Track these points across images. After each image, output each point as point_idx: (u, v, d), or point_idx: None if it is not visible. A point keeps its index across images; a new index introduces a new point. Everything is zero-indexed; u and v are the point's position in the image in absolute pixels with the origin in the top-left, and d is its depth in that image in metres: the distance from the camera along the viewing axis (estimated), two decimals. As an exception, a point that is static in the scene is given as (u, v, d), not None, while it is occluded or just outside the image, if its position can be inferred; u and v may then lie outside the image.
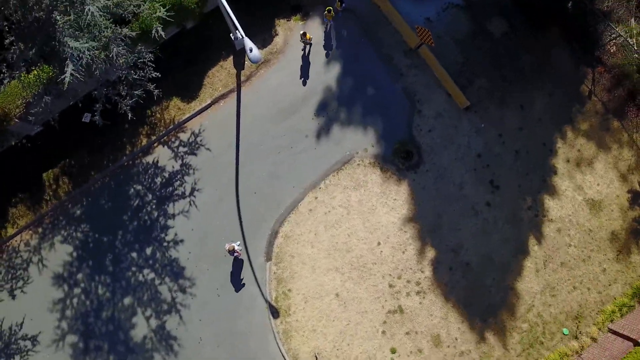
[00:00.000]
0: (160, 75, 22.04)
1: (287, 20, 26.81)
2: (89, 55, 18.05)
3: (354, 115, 25.92)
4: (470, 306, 24.52)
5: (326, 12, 25.50)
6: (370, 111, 25.96)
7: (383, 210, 25.18)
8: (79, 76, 18.39)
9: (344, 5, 25.89)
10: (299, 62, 26.35)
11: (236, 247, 23.47)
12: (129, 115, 21.59)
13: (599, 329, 24.19)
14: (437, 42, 25.92)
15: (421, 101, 26.18)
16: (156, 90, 22.05)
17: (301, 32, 25.45)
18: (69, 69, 17.86)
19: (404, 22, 26.25)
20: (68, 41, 17.79)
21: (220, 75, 26.02)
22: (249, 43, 19.78)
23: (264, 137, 25.54)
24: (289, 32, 26.63)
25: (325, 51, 26.46)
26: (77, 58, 18.00)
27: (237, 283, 24.50)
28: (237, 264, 24.61)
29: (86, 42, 17.92)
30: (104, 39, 18.89)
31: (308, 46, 26.24)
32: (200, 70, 25.95)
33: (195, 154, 25.33)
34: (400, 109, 26.08)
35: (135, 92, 21.49)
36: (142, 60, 21.15)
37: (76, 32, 18.30)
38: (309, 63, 26.36)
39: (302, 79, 26.16)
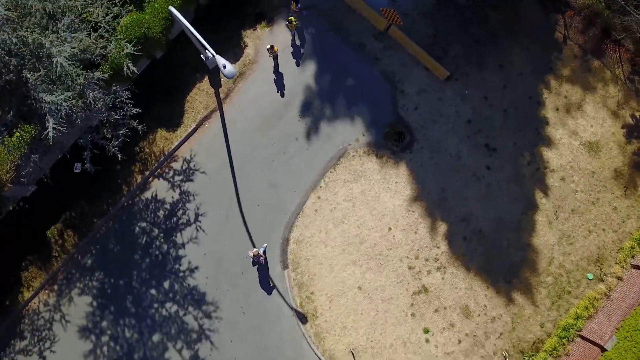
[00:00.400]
0: (140, 110, 22.09)
1: (254, 30, 26.76)
2: (67, 105, 18.03)
3: (338, 109, 25.91)
4: (492, 271, 24.57)
5: (288, 22, 25.49)
6: (353, 101, 25.95)
7: (387, 195, 25.20)
8: (61, 128, 18.38)
9: (299, 5, 25.80)
10: (274, 69, 26.32)
11: (261, 252, 23.61)
12: (119, 156, 21.58)
13: (622, 267, 24.25)
14: (405, 19, 25.88)
15: (401, 81, 26.17)
16: (140, 126, 22.06)
17: (267, 47, 25.34)
18: (50, 123, 17.84)
19: (369, 7, 26.21)
20: (44, 96, 17.77)
21: (200, 97, 25.99)
22: (221, 60, 19.78)
23: (255, 148, 25.52)
24: (258, 40, 26.59)
25: (295, 60, 26.37)
26: (56, 111, 17.98)
27: (267, 287, 24.54)
28: (262, 269, 24.61)
29: (61, 94, 17.90)
30: (78, 87, 18.87)
31: (276, 58, 26.15)
32: (179, 97, 25.93)
33: (191, 180, 25.32)
34: (382, 92, 26.07)
35: (120, 132, 21.48)
36: (119, 99, 21.14)
37: (50, 86, 18.28)
38: (284, 68, 26.31)
39: (281, 84, 26.12)
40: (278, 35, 26.56)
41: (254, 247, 24.72)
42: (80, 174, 24.10)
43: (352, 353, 23.88)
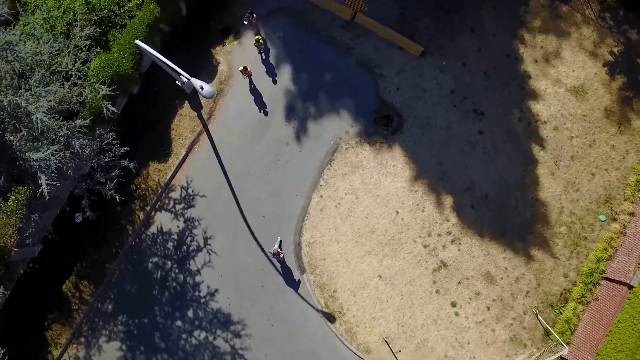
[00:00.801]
0: (128, 148, 22.05)
1: (223, 46, 26.66)
2: (56, 159, 17.97)
3: (322, 106, 25.87)
4: (505, 233, 24.62)
5: (255, 41, 25.36)
6: (335, 95, 25.91)
7: (387, 180, 25.21)
8: (54, 183, 18.35)
9: (255, 16, 25.62)
10: (250, 87, 26.26)
11: (276, 248, 23.80)
12: (117, 197, 21.55)
13: (632, 202, 24.31)
14: (369, 3, 25.79)
15: (378, 65, 26.13)
16: (131, 164, 22.01)
17: (240, 69, 25.09)
18: (43, 180, 17.80)
19: (331, 0, 26.15)
20: (31, 155, 17.72)
21: (184, 123, 25.93)
22: (197, 82, 19.76)
23: (248, 162, 25.49)
24: (229, 55, 26.49)
25: (269, 68, 26.23)
26: (46, 167, 17.93)
27: (289, 295, 24.57)
28: (285, 268, 24.70)
29: (47, 149, 17.85)
30: (63, 139, 18.81)
31: (251, 76, 25.94)
32: (163, 127, 25.86)
33: (193, 206, 25.28)
34: (362, 81, 26.03)
35: (113, 174, 21.44)
36: (105, 142, 21.07)
37: (34, 144, 18.23)
38: (261, 78, 26.25)
39: (260, 95, 26.01)
40: (247, 47, 26.49)
41: (270, 262, 24.72)
42: (83, 223, 24.03)
43: (386, 342, 23.93)
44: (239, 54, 26.40)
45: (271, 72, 26.27)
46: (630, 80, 25.67)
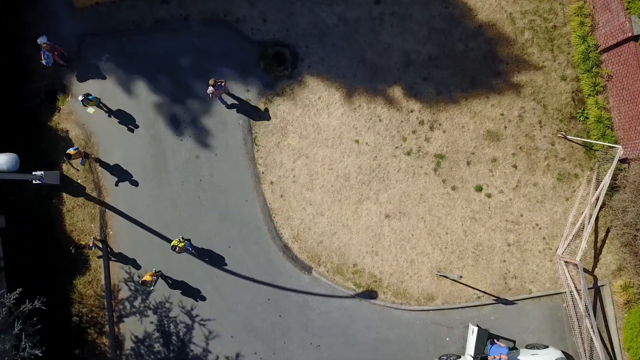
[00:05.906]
0: (21, 289, 17.17)
1: (59, 111, 21.15)
2: None
3: (202, 93, 20.59)
4: (475, 80, 20.10)
5: (173, 248, 19.15)
6: (208, 72, 20.43)
7: (323, 117, 20.50)
8: None
9: (83, 161, 20.40)
10: (111, 126, 21.02)
11: (215, 82, 19.03)
12: (37, 354, 16.89)
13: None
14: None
15: (227, 12, 20.90)
16: (36, 303, 17.34)
17: (143, 280, 19.09)
18: None
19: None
20: None
21: (78, 216, 20.99)
22: (36, 174, 14.56)
23: (173, 204, 20.68)
24: (73, 115, 21.00)
25: (132, 103, 21.06)
26: None
27: (315, 305, 20.34)
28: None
29: None
30: None
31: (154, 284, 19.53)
32: (61, 236, 20.95)
33: (152, 290, 20.26)
34: (223, 38, 20.81)
35: (14, 332, 16.67)
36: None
37: None
38: (123, 111, 21.06)
39: (133, 127, 20.88)
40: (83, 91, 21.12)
41: (255, 281, 20.20)
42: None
43: (443, 275, 19.53)
44: (81, 108, 20.90)
45: (126, 98, 21.05)
46: None
